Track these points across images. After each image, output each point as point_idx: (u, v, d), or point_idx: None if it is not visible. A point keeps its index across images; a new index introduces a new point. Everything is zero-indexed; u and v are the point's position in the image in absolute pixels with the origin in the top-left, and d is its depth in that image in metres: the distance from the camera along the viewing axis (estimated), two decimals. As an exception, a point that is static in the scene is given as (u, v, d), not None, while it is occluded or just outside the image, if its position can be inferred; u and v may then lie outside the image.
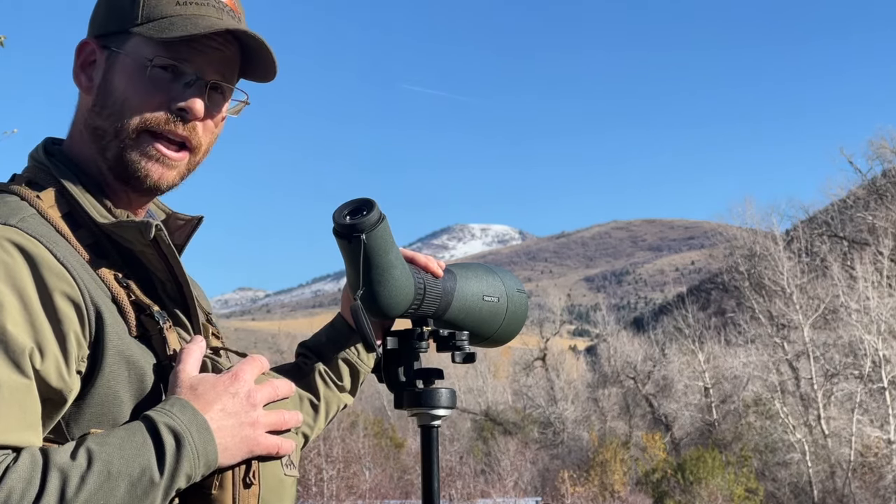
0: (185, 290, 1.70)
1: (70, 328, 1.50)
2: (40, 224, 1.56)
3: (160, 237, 1.64)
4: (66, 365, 1.50)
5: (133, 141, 1.67)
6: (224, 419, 1.56)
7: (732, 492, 34.81)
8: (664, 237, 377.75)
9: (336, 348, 2.07)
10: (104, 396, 1.54)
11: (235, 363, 1.68)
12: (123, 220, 1.64)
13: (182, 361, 1.60)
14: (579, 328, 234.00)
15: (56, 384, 1.49)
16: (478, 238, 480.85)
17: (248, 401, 1.59)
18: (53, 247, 1.53)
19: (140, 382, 1.58)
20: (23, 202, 1.59)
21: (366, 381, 2.15)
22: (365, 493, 31.39)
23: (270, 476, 1.62)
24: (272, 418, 1.62)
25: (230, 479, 1.57)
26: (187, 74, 1.68)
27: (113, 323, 1.56)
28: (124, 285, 1.62)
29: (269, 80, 1.77)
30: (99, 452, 1.44)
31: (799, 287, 38.98)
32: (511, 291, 2.05)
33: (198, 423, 1.52)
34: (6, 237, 1.50)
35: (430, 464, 1.91)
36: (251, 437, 1.59)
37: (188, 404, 1.54)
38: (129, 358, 1.57)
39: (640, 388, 46.52)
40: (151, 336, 1.61)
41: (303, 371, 2.05)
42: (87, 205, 1.64)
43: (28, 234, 1.52)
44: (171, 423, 1.50)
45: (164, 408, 1.53)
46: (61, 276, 1.52)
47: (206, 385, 1.58)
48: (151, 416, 1.51)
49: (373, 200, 1.77)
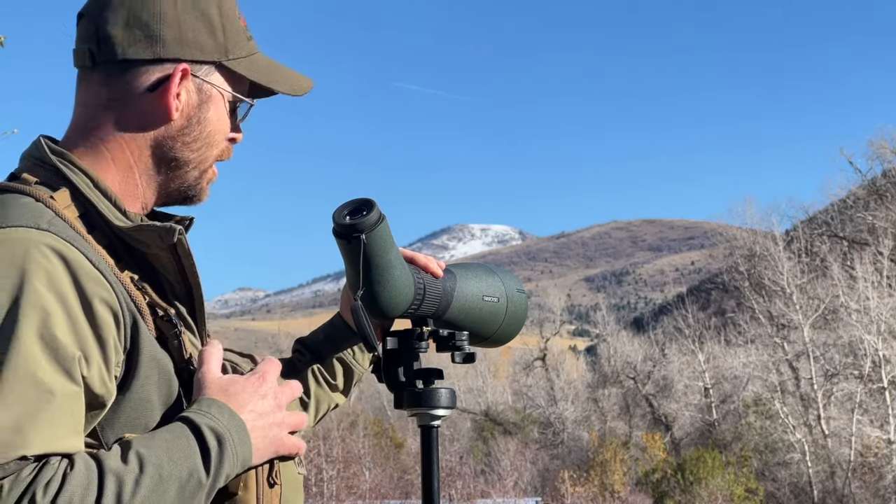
0: (196, 293, 1.70)
1: (110, 334, 1.51)
2: (66, 227, 1.54)
3: (180, 241, 1.64)
4: (108, 371, 1.51)
5: (209, 171, 1.74)
6: (256, 420, 1.59)
7: (732, 492, 34.82)
8: (664, 237, 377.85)
9: (333, 348, 2.07)
10: (137, 401, 1.56)
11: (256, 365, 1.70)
12: (144, 224, 1.63)
13: (206, 363, 1.62)
14: (579, 328, 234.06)
15: (99, 391, 1.50)
16: (478, 238, 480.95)
17: (276, 402, 1.63)
18: (86, 251, 1.53)
19: (168, 386, 1.59)
20: (38, 204, 1.56)
21: (366, 381, 2.15)
22: (365, 494, 31.39)
23: (289, 475, 1.66)
24: (294, 419, 1.66)
25: (254, 480, 1.60)
26: (245, 107, 1.77)
27: (144, 327, 1.57)
28: (140, 288, 1.62)
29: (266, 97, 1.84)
30: (149, 456, 1.45)
31: (799, 287, 38.99)
32: (511, 291, 2.05)
33: (236, 425, 1.55)
34: (43, 242, 1.48)
35: (430, 464, 1.92)
36: (278, 438, 1.62)
37: (225, 406, 1.56)
38: (159, 362, 1.58)
39: (640, 388, 46.53)
40: (167, 339, 1.62)
41: (296, 368, 2.05)
42: (104, 207, 1.62)
43: (63, 239, 1.51)
44: (212, 424, 1.52)
45: (202, 409, 1.55)
46: (98, 281, 1.51)
47: (236, 386, 1.60)
48: (192, 419, 1.53)
49: (372, 200, 1.78)
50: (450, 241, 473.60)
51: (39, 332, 1.43)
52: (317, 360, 2.06)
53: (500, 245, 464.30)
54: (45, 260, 1.47)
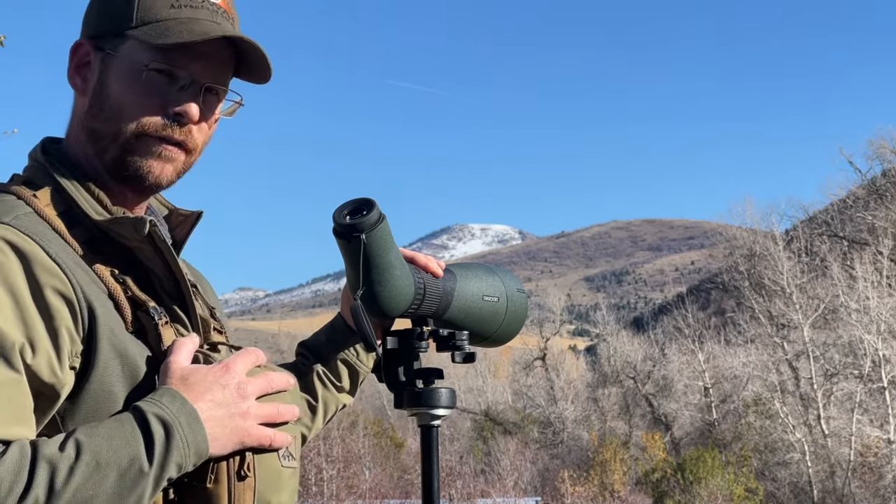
0: (182, 286, 1.70)
1: (62, 324, 1.51)
2: (35, 222, 1.57)
3: (154, 233, 1.64)
4: (59, 360, 1.51)
5: (132, 144, 1.68)
6: (213, 409, 1.56)
7: (732, 492, 34.82)
8: (664, 237, 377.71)
9: (335, 349, 2.07)
10: (98, 392, 1.55)
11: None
12: (118, 217, 1.65)
13: (173, 353, 1.60)
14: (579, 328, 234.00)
15: (48, 379, 1.50)
16: (478, 238, 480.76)
17: (239, 392, 1.59)
18: (46, 244, 1.55)
19: (134, 378, 1.58)
20: (19, 201, 1.61)
21: (366, 381, 2.15)
22: (365, 493, 31.39)
23: (266, 468, 1.63)
24: (265, 410, 1.62)
25: (225, 472, 1.58)
26: (182, 78, 1.69)
27: (107, 318, 1.57)
28: (120, 281, 1.62)
29: (263, 83, 1.78)
30: (87, 443, 1.45)
31: (799, 287, 38.98)
32: (511, 291, 2.05)
33: (187, 413, 1.53)
34: (0, 236, 1.52)
35: (430, 464, 1.91)
36: (241, 428, 1.58)
37: (178, 394, 1.54)
38: (123, 353, 1.57)
39: (640, 387, 46.52)
40: (147, 332, 1.62)
41: (301, 371, 2.05)
42: (83, 202, 1.65)
43: (21, 232, 1.53)
44: (159, 412, 1.51)
45: (154, 398, 1.53)
46: (53, 272, 1.53)
47: (197, 376, 1.58)
48: (140, 407, 1.52)
49: (373, 200, 1.78)
50: (450, 241, 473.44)
51: None
52: (320, 362, 2.06)
53: (500, 245, 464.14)
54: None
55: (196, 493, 1.57)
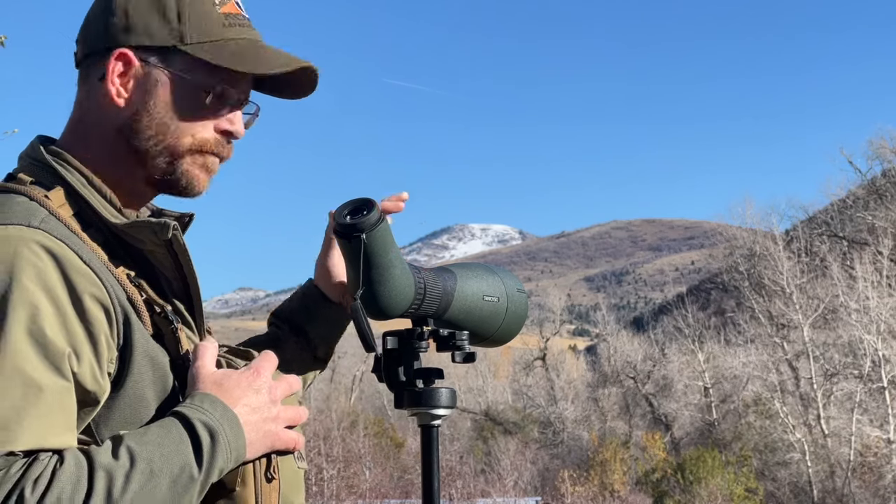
0: (193, 289, 1.70)
1: (101, 330, 1.51)
2: (59, 225, 1.56)
3: (175, 237, 1.64)
4: (99, 367, 1.51)
5: (185, 157, 1.68)
6: (250, 414, 1.58)
7: (732, 491, 34.83)
8: (664, 237, 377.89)
9: (308, 316, 2.06)
10: (132, 398, 1.56)
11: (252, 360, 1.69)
12: (138, 221, 1.64)
13: (200, 358, 1.61)
14: (579, 328, 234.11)
15: (91, 387, 1.50)
16: (478, 238, 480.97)
17: (270, 396, 1.62)
18: (78, 248, 1.53)
19: (163, 382, 1.59)
20: (33, 203, 1.58)
21: (366, 381, 2.15)
22: (365, 493, 31.42)
23: (287, 470, 1.66)
24: (290, 413, 1.65)
25: (252, 475, 1.60)
26: (233, 98, 1.71)
27: (137, 324, 1.57)
28: (136, 284, 1.62)
29: (300, 97, 1.81)
30: (140, 451, 1.45)
31: (799, 287, 39.00)
32: (511, 291, 2.05)
33: (229, 419, 1.54)
34: (34, 240, 1.50)
35: (431, 463, 1.92)
36: (273, 433, 1.61)
37: (218, 400, 1.56)
38: (154, 359, 1.58)
39: (640, 387, 46.55)
40: (164, 335, 1.62)
41: (278, 339, 2.05)
42: (98, 205, 1.63)
43: (53, 237, 1.52)
44: (204, 418, 1.52)
45: (195, 403, 1.54)
46: (89, 277, 1.52)
47: (230, 381, 1.59)
48: (185, 413, 1.52)
49: (373, 200, 1.78)
50: (450, 241, 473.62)
51: (28, 328, 1.44)
52: (293, 330, 2.05)
53: (500, 245, 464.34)
54: (35, 257, 1.48)
55: (222, 496, 1.58)
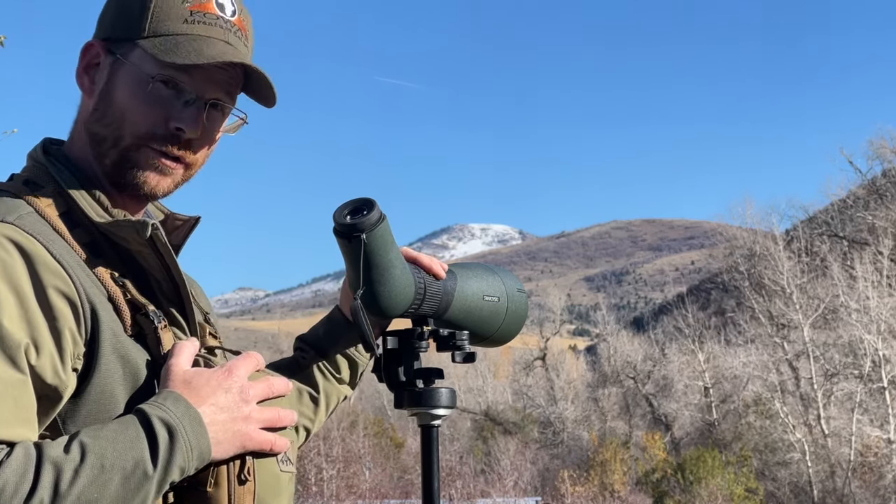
0: (182, 289, 1.70)
1: (65, 325, 1.51)
2: (37, 222, 1.57)
3: (156, 236, 1.64)
4: (62, 361, 1.51)
5: (132, 153, 1.67)
6: (217, 413, 1.56)
7: (732, 492, 34.82)
8: (664, 237, 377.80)
9: (333, 342, 2.07)
10: (100, 394, 1.55)
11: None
12: (120, 220, 1.65)
13: (174, 356, 1.60)
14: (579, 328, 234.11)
15: (51, 381, 1.50)
16: (478, 238, 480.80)
17: (241, 396, 1.60)
18: (49, 244, 1.54)
19: (135, 380, 1.58)
20: (19, 200, 1.60)
21: (366, 381, 2.15)
22: (365, 493, 31.41)
23: (265, 472, 1.63)
24: (266, 415, 1.62)
25: (225, 476, 1.58)
26: (187, 93, 1.68)
27: (108, 320, 1.57)
28: (120, 284, 1.62)
29: (269, 107, 1.77)
30: (92, 446, 1.45)
31: (799, 287, 38.99)
32: (511, 291, 2.05)
33: (191, 417, 1.53)
34: (3, 234, 1.51)
35: (430, 463, 1.91)
36: (243, 433, 1.59)
37: (181, 397, 1.54)
38: (124, 356, 1.57)
39: (640, 387, 46.54)
40: (146, 335, 1.62)
41: (301, 365, 2.05)
42: (85, 204, 1.65)
43: (24, 231, 1.53)
44: (164, 416, 1.51)
45: (157, 401, 1.53)
46: (57, 273, 1.53)
47: (200, 380, 1.58)
48: (144, 410, 1.52)
49: (373, 200, 1.78)
50: (450, 241, 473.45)
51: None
52: (320, 355, 2.06)
53: (500, 245, 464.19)
54: (2, 250, 1.50)
55: (196, 497, 1.57)
